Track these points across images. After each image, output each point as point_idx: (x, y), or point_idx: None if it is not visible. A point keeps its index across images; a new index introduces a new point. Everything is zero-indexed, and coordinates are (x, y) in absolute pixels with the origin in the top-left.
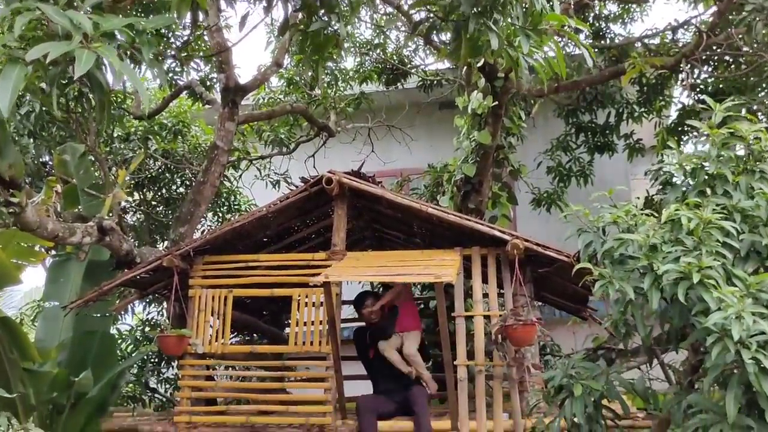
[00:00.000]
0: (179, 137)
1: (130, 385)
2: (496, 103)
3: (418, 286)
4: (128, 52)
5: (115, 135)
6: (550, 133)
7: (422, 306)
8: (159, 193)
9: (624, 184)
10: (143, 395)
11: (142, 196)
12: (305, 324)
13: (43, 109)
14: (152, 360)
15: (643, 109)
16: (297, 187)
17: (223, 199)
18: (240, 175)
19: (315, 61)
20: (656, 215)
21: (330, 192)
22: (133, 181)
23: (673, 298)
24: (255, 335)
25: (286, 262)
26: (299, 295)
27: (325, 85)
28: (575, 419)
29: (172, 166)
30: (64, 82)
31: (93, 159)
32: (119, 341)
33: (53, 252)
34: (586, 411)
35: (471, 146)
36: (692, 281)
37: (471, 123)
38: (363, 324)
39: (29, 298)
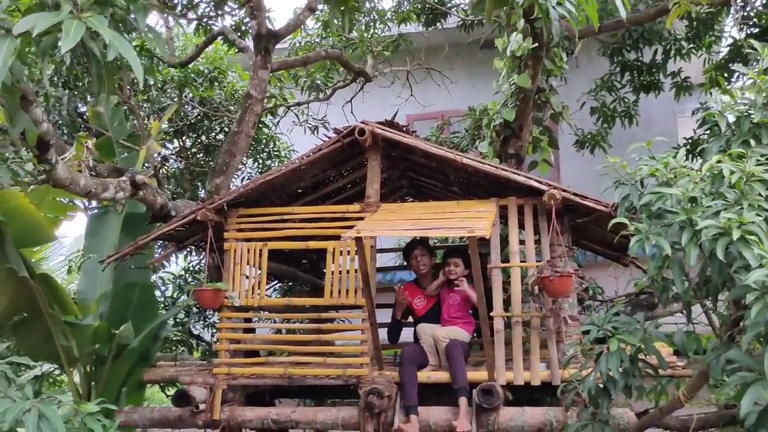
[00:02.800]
0: (215, 84)
1: (174, 331)
2: (536, 44)
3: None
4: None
5: (151, 83)
6: (594, 73)
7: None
8: (198, 141)
9: (671, 124)
10: (190, 341)
11: (181, 144)
12: (341, 273)
13: (74, 59)
14: (198, 306)
15: (691, 46)
16: (330, 136)
17: (262, 146)
18: (277, 122)
19: (341, 11)
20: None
21: (363, 143)
22: (172, 129)
23: (712, 253)
24: (295, 284)
25: (320, 214)
26: (334, 248)
27: (363, 27)
28: (611, 373)
29: (210, 114)
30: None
31: (127, 109)
32: (163, 288)
33: (93, 204)
34: (622, 365)
35: (510, 90)
36: (732, 237)
37: (510, 65)
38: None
39: (78, 245)
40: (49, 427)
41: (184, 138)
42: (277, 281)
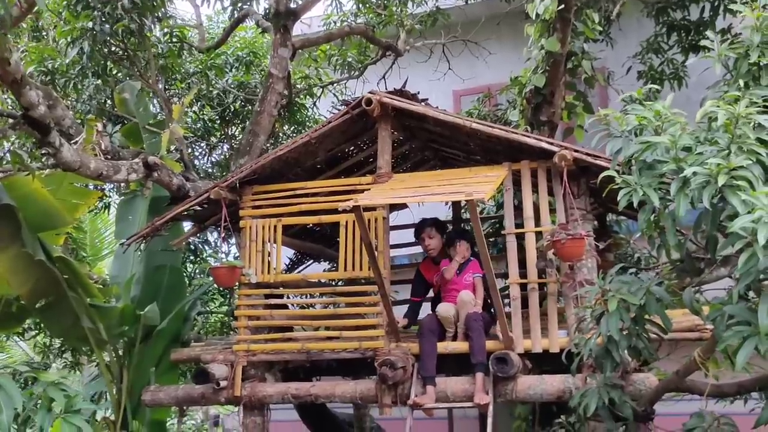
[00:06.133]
0: (251, 68)
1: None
2: (563, 6)
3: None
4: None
5: (190, 71)
6: (643, 35)
7: (497, 225)
8: (242, 126)
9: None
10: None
11: (226, 131)
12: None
13: (95, 49)
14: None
15: (744, 0)
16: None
17: (306, 129)
18: (314, 102)
19: None
20: None
21: (371, 113)
22: (217, 117)
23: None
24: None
25: (332, 187)
26: (347, 221)
27: (397, 2)
28: (611, 334)
29: (250, 98)
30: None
31: (152, 94)
32: None
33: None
34: (623, 326)
35: (541, 55)
36: (718, 184)
37: (540, 30)
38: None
39: None
40: (6, 396)
41: (230, 125)
42: (313, 260)
